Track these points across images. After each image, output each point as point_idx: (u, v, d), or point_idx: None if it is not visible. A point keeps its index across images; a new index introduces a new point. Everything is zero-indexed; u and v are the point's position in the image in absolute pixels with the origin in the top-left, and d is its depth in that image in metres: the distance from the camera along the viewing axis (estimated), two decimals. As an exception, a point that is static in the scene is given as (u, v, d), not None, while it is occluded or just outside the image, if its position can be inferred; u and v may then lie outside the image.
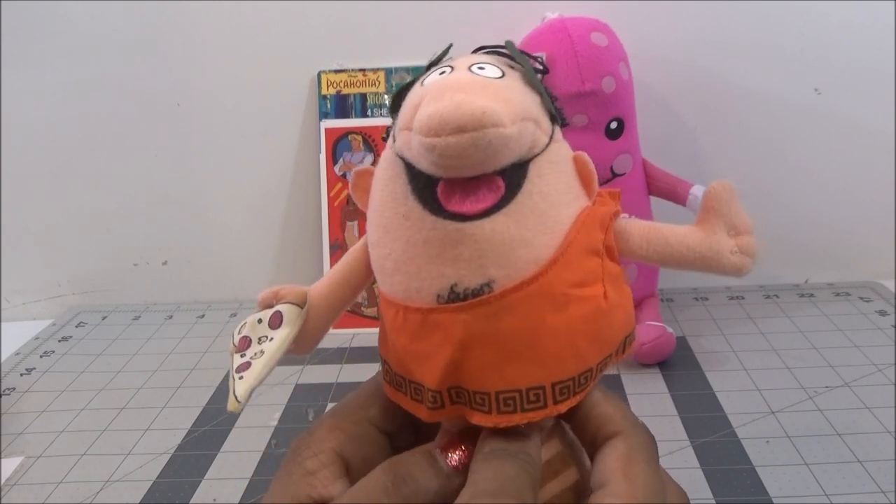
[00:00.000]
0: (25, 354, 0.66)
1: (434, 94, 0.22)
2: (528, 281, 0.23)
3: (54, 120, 0.70)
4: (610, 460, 0.24)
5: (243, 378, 0.25)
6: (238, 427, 0.53)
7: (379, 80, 0.68)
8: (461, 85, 0.22)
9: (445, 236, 0.23)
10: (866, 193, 0.68)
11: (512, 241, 0.22)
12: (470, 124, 0.21)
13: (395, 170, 0.24)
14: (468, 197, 0.22)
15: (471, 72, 0.23)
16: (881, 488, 0.42)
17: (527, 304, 0.23)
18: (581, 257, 0.24)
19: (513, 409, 0.24)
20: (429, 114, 0.21)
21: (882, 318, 0.62)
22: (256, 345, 0.26)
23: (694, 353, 0.58)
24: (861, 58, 0.65)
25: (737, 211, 0.26)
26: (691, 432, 0.48)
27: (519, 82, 0.24)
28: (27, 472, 0.49)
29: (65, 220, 0.74)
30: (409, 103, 0.24)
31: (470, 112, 0.21)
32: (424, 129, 0.21)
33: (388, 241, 0.24)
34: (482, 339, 0.23)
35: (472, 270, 0.23)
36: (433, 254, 0.23)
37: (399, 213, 0.24)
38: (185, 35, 0.68)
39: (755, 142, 0.68)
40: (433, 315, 0.23)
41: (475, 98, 0.21)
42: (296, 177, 0.71)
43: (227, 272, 0.75)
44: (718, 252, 0.25)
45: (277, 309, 0.26)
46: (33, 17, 0.67)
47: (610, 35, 0.57)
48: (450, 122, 0.21)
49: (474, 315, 0.23)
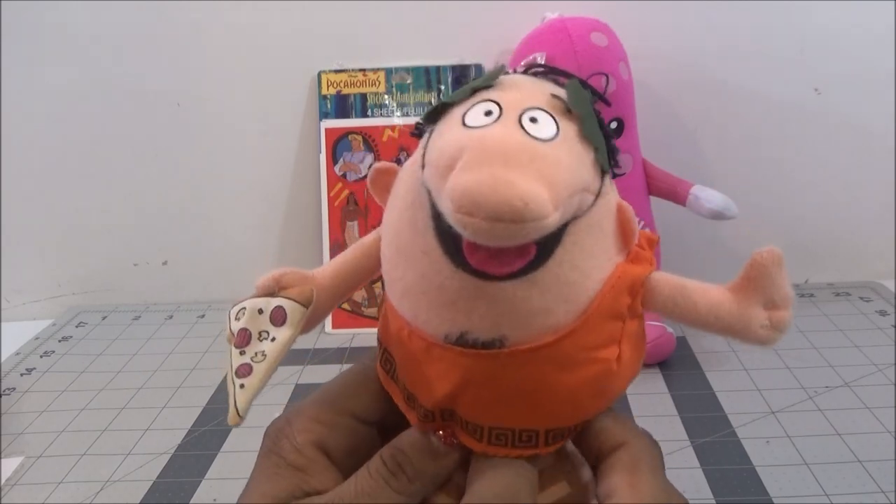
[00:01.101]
0: (25, 354, 0.66)
1: (474, 159, 0.19)
2: (542, 346, 0.22)
3: (54, 119, 0.70)
4: (614, 472, 0.23)
5: (244, 387, 0.24)
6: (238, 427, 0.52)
7: (379, 80, 0.68)
8: (504, 153, 0.19)
9: (462, 288, 0.21)
10: (866, 193, 0.68)
11: (532, 309, 0.21)
12: (507, 215, 0.18)
13: (419, 199, 0.22)
14: (494, 257, 0.20)
15: (521, 126, 0.20)
16: (881, 488, 0.42)
17: (535, 364, 0.22)
18: (602, 322, 0.22)
19: (503, 444, 0.24)
20: (463, 188, 0.18)
21: (882, 318, 0.62)
22: (257, 342, 0.24)
23: (694, 353, 0.58)
24: (861, 58, 0.65)
25: (780, 286, 0.23)
26: (691, 432, 0.48)
27: (574, 141, 0.21)
28: (27, 472, 0.49)
29: (65, 220, 0.74)
30: (444, 143, 0.21)
31: (509, 202, 0.18)
32: (456, 203, 0.19)
33: (402, 265, 0.23)
34: (483, 382, 0.23)
35: (486, 326, 0.22)
36: (447, 300, 0.22)
37: (417, 244, 0.22)
38: (185, 35, 0.68)
39: (755, 142, 0.68)
40: (437, 350, 0.23)
41: (519, 180, 0.18)
42: (296, 177, 0.71)
43: (227, 272, 0.75)
44: (747, 326, 0.23)
45: (281, 305, 0.25)
46: (33, 17, 0.67)
47: (610, 35, 0.57)
48: (485, 208, 0.18)
49: (479, 363, 0.22)
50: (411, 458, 0.24)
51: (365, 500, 0.24)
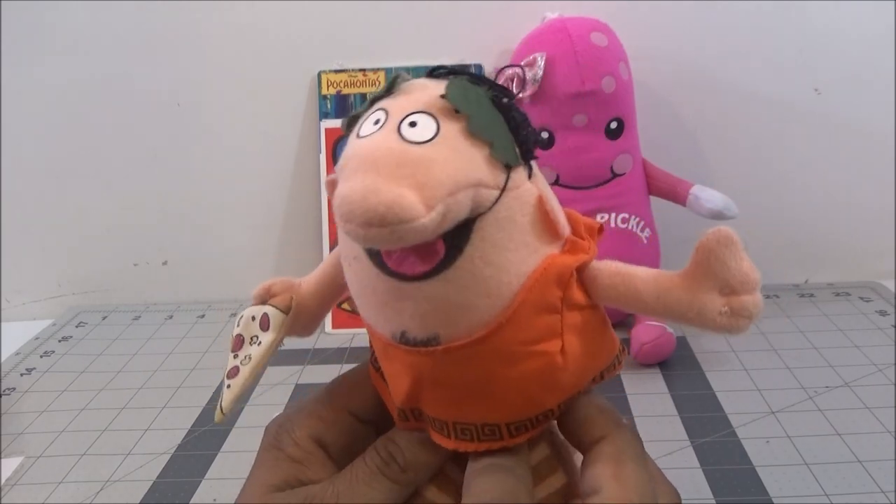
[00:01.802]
0: (25, 354, 0.66)
1: (350, 168, 0.20)
2: (475, 341, 0.22)
3: (54, 120, 0.70)
4: (599, 465, 0.23)
5: (230, 387, 0.26)
6: (238, 427, 0.53)
7: (379, 80, 0.68)
8: (376, 160, 0.20)
9: (388, 289, 0.22)
10: (866, 193, 0.68)
11: (452, 306, 0.22)
12: (375, 220, 0.19)
13: None
14: (406, 259, 0.21)
15: (398, 133, 0.21)
16: (881, 488, 0.42)
17: (475, 359, 0.22)
18: (533, 317, 0.22)
19: (470, 438, 0.24)
20: (340, 197, 0.20)
21: (882, 318, 0.62)
22: (248, 346, 0.26)
23: (694, 353, 0.58)
24: (861, 58, 0.65)
25: (734, 268, 0.21)
26: (691, 432, 0.48)
27: (457, 140, 0.21)
28: (27, 472, 0.49)
29: (65, 220, 0.74)
30: (343, 152, 0.22)
31: (374, 207, 0.19)
32: (337, 212, 0.20)
33: (347, 272, 0.25)
34: (434, 380, 0.23)
35: (418, 325, 0.22)
36: (381, 301, 0.23)
37: (350, 251, 0.23)
38: (185, 35, 0.68)
39: (755, 142, 0.68)
40: (391, 349, 0.24)
41: (384, 185, 0.19)
42: (296, 177, 0.71)
43: (227, 272, 0.75)
44: (701, 314, 0.22)
45: (266, 311, 0.26)
46: (33, 17, 0.67)
47: (610, 35, 0.57)
48: (357, 215, 0.19)
49: (424, 360, 0.23)
50: (403, 448, 0.25)
51: (360, 486, 0.25)
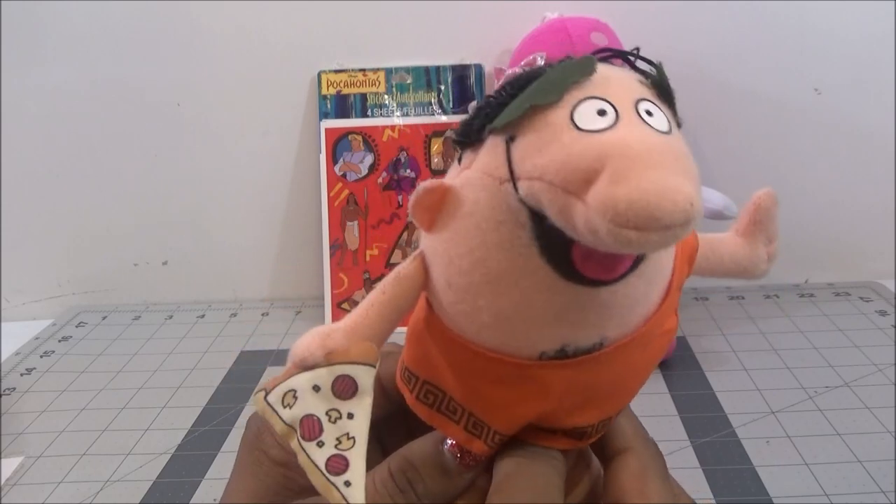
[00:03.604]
0: (25, 354, 0.66)
1: (624, 167, 0.17)
2: (638, 335, 0.22)
3: (54, 120, 0.70)
4: (623, 478, 0.23)
5: (352, 484, 0.20)
6: (238, 427, 0.53)
7: (379, 80, 0.68)
8: (654, 155, 0.17)
9: (573, 301, 0.20)
10: (866, 193, 0.68)
11: (636, 301, 0.21)
12: (681, 221, 0.16)
13: (514, 217, 0.19)
14: (606, 261, 0.19)
15: (644, 122, 0.18)
16: (881, 488, 0.42)
17: (627, 353, 0.22)
18: (675, 297, 0.23)
19: (580, 437, 0.24)
20: (629, 202, 0.16)
21: (882, 318, 0.62)
22: (330, 425, 0.20)
23: (694, 353, 0.58)
24: (861, 58, 0.65)
25: (776, 221, 0.25)
26: (691, 432, 0.48)
27: (677, 129, 0.20)
28: (27, 472, 0.49)
29: (65, 220, 0.74)
30: (565, 154, 0.18)
31: (683, 209, 0.16)
32: (622, 218, 0.16)
33: (489, 292, 0.20)
34: (576, 390, 0.22)
35: (591, 332, 0.21)
36: (552, 317, 0.20)
37: (515, 266, 0.20)
38: (185, 35, 0.68)
39: (755, 142, 0.68)
40: (531, 370, 0.21)
41: (679, 182, 0.17)
42: (296, 177, 0.71)
43: (227, 272, 0.75)
44: (756, 264, 0.25)
45: (346, 374, 0.21)
46: (33, 17, 0.67)
47: (610, 35, 0.57)
48: (661, 220, 0.16)
49: (578, 371, 0.21)
50: (423, 475, 0.23)
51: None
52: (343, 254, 0.68)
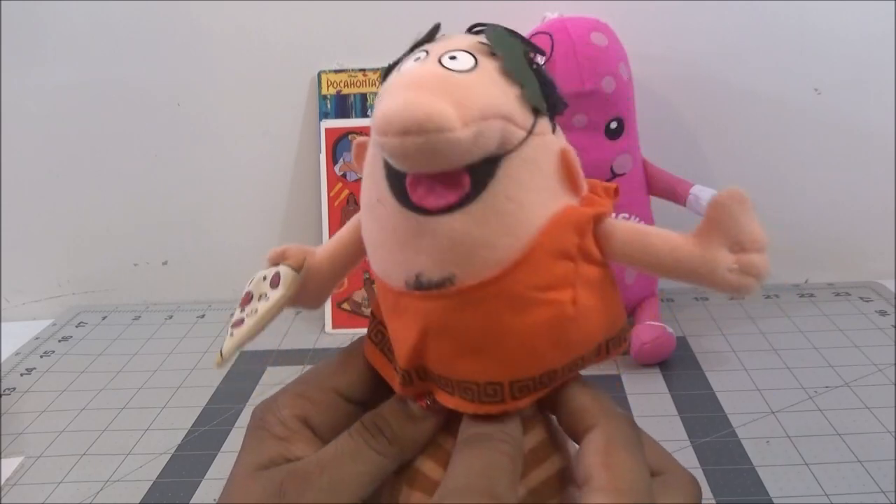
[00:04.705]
0: (25, 354, 0.66)
1: (392, 90, 0.22)
2: (488, 281, 0.22)
3: (54, 120, 0.70)
4: (589, 453, 0.23)
5: (233, 335, 0.26)
6: (238, 427, 0.53)
7: (379, 81, 0.67)
8: (419, 81, 0.22)
9: (409, 227, 0.22)
10: (866, 193, 0.68)
11: (472, 242, 0.22)
12: (413, 128, 0.20)
13: (376, 152, 0.24)
14: (432, 191, 0.22)
15: (440, 63, 0.22)
16: (881, 488, 0.42)
17: (486, 303, 0.23)
18: (548, 261, 0.23)
19: (471, 399, 0.24)
20: (379, 112, 0.21)
21: (882, 318, 0.62)
22: (255, 302, 0.27)
23: (694, 353, 0.58)
24: (861, 58, 0.65)
25: (745, 225, 0.23)
26: (691, 432, 0.48)
27: (493, 74, 0.23)
28: (27, 472, 0.49)
29: (65, 220, 0.74)
30: (383, 89, 0.23)
31: (413, 115, 0.20)
32: (375, 126, 0.21)
33: (367, 220, 0.25)
34: (442, 330, 0.23)
35: (434, 264, 0.22)
36: (400, 241, 0.23)
37: (374, 195, 0.24)
38: (185, 35, 0.68)
39: (755, 142, 0.68)
40: (403, 298, 0.24)
41: (425, 98, 0.20)
42: (296, 177, 0.71)
43: (227, 272, 0.74)
44: (712, 270, 0.23)
45: (278, 270, 0.27)
46: (33, 17, 0.67)
47: (610, 35, 0.57)
48: (394, 124, 0.20)
49: (435, 305, 0.23)
50: (391, 421, 0.25)
51: (345, 459, 0.24)
52: (343, 254, 0.68)
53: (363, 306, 0.67)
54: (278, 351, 0.63)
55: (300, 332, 0.67)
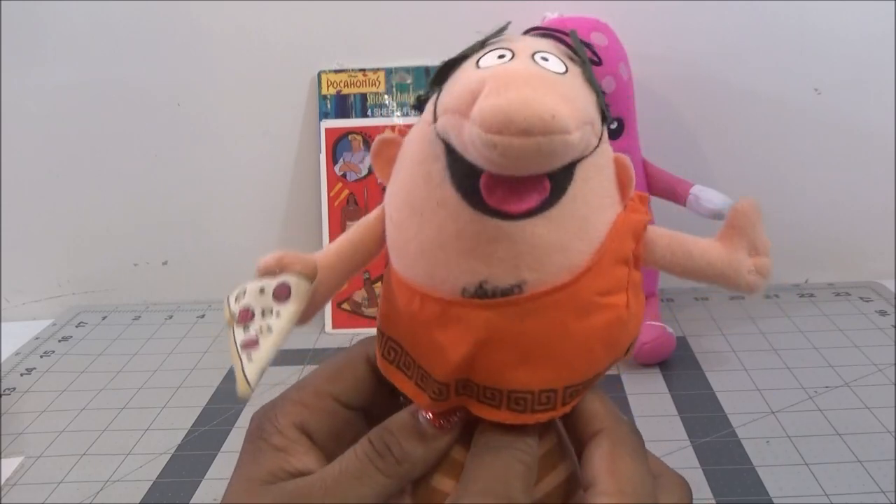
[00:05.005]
0: (25, 354, 0.66)
1: (497, 84, 0.20)
2: (559, 287, 0.22)
3: (54, 120, 0.70)
4: (595, 458, 0.23)
5: (252, 360, 0.23)
6: (238, 427, 0.53)
7: (379, 80, 0.68)
8: (527, 78, 0.20)
9: (482, 232, 0.21)
10: (866, 193, 0.68)
11: (550, 246, 0.22)
12: (538, 127, 0.19)
13: (433, 151, 0.22)
14: (512, 195, 0.21)
15: (534, 62, 0.22)
16: (881, 488, 0.42)
17: (554, 309, 0.22)
18: (612, 266, 0.23)
19: (522, 409, 0.23)
20: (493, 107, 0.19)
21: (882, 318, 0.62)
22: (261, 318, 0.24)
23: (694, 353, 0.58)
24: (861, 58, 0.65)
25: (760, 231, 0.25)
26: (691, 432, 0.48)
27: (580, 79, 0.22)
28: (27, 472, 0.49)
29: (65, 220, 0.74)
30: (462, 84, 0.21)
31: (539, 115, 0.19)
32: (487, 123, 0.19)
33: (415, 224, 0.23)
34: (503, 338, 0.22)
35: (506, 270, 0.22)
36: (466, 247, 0.22)
37: (433, 197, 0.22)
38: (185, 35, 0.68)
39: (755, 142, 0.68)
40: (455, 308, 0.22)
41: (544, 97, 0.19)
42: (296, 177, 0.71)
43: (227, 272, 0.74)
44: (738, 271, 0.25)
45: (284, 280, 0.24)
46: (33, 17, 0.67)
47: (610, 35, 0.57)
48: (516, 122, 0.19)
49: (500, 314, 0.22)
50: (399, 439, 0.24)
51: (350, 480, 0.24)
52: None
53: (363, 306, 0.67)
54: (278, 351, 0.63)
55: (300, 332, 0.66)
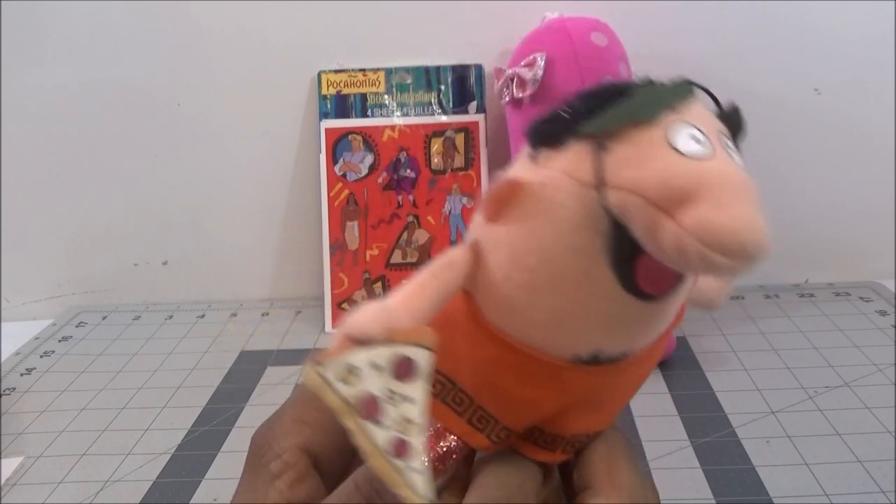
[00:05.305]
0: (25, 354, 0.66)
1: (720, 196, 0.18)
2: (651, 347, 0.23)
3: (54, 120, 0.70)
4: (593, 461, 0.24)
5: (419, 471, 0.19)
6: (238, 427, 0.53)
7: (379, 80, 0.68)
8: (747, 191, 0.19)
9: (627, 313, 0.21)
10: (866, 193, 0.68)
11: (666, 318, 0.22)
12: (761, 255, 0.18)
13: (592, 223, 0.20)
14: (660, 276, 0.20)
15: (728, 154, 0.20)
16: (881, 488, 0.42)
17: (638, 367, 0.23)
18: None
19: (573, 450, 0.25)
20: (722, 227, 0.18)
21: (882, 318, 0.62)
22: (390, 407, 0.19)
23: (694, 353, 0.58)
24: (861, 58, 0.65)
25: None
26: (691, 432, 0.48)
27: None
28: (27, 472, 0.49)
29: (65, 220, 0.74)
30: (663, 172, 0.19)
31: (765, 245, 0.18)
32: (710, 241, 0.18)
33: (549, 293, 0.21)
34: (594, 397, 0.23)
35: (625, 342, 0.22)
36: (603, 323, 0.21)
37: (579, 269, 0.20)
38: (185, 35, 0.68)
39: (755, 142, 0.67)
40: (560, 371, 0.22)
41: (762, 219, 0.18)
42: (296, 177, 0.71)
43: (227, 272, 0.75)
44: (722, 297, 0.26)
45: (404, 354, 0.20)
46: (33, 17, 0.67)
47: (610, 35, 0.57)
48: (748, 252, 0.18)
49: (600, 377, 0.22)
50: (382, 490, 0.22)
51: None
52: (343, 254, 0.68)
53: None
54: (278, 351, 0.63)
55: (300, 332, 0.67)
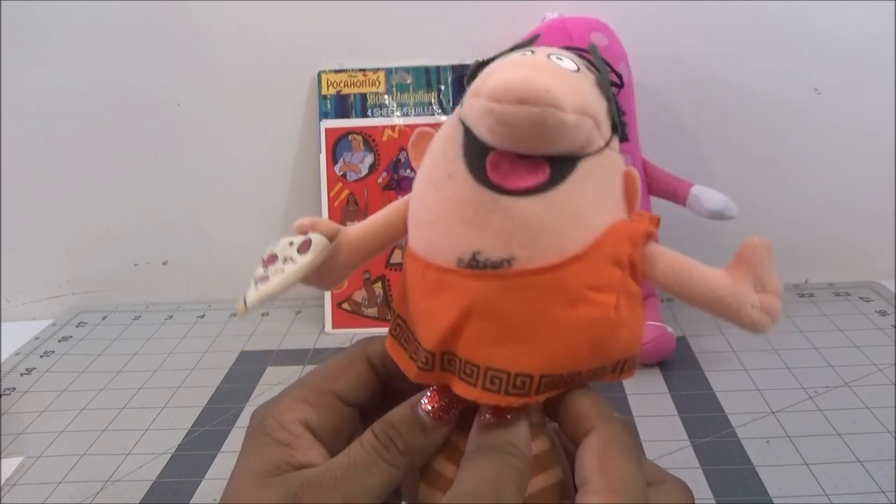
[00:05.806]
0: (25, 354, 0.66)
1: (507, 67, 0.23)
2: (546, 268, 0.23)
3: (54, 120, 0.70)
4: (586, 458, 0.24)
5: (258, 288, 0.27)
6: (238, 427, 0.53)
7: (379, 80, 0.68)
8: (534, 65, 0.23)
9: (481, 203, 0.23)
10: (866, 193, 0.68)
11: (541, 227, 0.23)
12: (531, 98, 0.21)
13: (454, 132, 0.25)
14: (512, 173, 0.23)
15: (548, 59, 0.24)
16: (881, 488, 0.42)
17: (539, 290, 0.23)
18: (604, 263, 0.24)
19: (497, 389, 0.24)
20: (496, 80, 0.22)
21: (882, 318, 0.62)
22: (280, 263, 0.27)
23: (694, 353, 0.58)
24: (861, 58, 0.65)
25: (769, 269, 0.25)
26: (691, 432, 0.48)
27: (591, 83, 0.24)
28: (27, 472, 0.49)
29: (65, 220, 0.74)
30: (484, 74, 0.24)
31: (534, 87, 0.21)
32: (488, 93, 0.22)
33: (429, 196, 0.25)
34: (487, 310, 0.24)
35: (497, 243, 0.23)
36: (466, 217, 0.24)
37: (445, 170, 0.25)
38: (185, 35, 0.68)
39: (755, 142, 0.68)
40: (449, 276, 0.24)
41: (543, 76, 0.22)
42: (296, 177, 0.71)
43: (227, 272, 0.75)
44: (740, 302, 0.25)
45: (309, 237, 0.27)
46: (33, 17, 0.67)
47: (610, 35, 0.57)
48: (513, 91, 0.21)
49: (486, 285, 0.23)
50: (402, 431, 0.25)
51: (359, 470, 0.25)
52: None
53: (363, 306, 0.67)
54: (278, 351, 0.63)
55: (300, 332, 0.67)
